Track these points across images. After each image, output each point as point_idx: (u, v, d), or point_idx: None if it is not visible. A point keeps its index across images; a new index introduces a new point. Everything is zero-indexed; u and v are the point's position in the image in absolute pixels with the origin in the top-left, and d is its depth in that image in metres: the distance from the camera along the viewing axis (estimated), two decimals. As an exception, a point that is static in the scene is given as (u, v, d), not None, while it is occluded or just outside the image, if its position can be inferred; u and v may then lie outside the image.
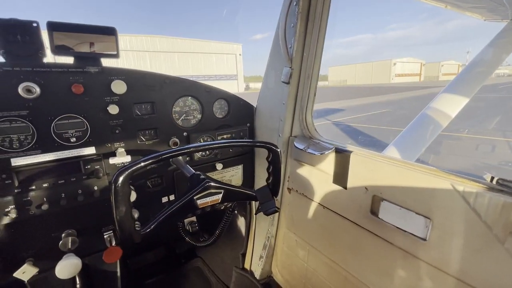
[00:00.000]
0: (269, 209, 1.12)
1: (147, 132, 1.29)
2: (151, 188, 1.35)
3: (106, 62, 1.15)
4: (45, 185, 1.05)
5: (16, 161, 1.00)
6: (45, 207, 1.05)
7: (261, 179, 1.69)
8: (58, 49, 1.04)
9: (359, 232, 1.14)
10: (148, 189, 1.33)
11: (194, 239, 1.54)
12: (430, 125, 2.46)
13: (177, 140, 1.35)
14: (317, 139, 1.33)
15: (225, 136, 1.51)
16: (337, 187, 1.20)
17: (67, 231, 1.14)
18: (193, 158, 1.43)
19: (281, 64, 1.34)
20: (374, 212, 1.08)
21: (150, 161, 0.85)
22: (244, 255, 1.88)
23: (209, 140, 1.45)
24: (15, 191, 1.00)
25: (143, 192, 1.30)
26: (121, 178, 0.79)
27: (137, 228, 0.88)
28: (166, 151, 0.91)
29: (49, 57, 1.06)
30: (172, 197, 1.42)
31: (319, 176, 1.29)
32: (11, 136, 0.98)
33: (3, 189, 0.98)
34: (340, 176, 1.18)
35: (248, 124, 1.60)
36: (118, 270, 1.32)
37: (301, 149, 1.30)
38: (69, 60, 1.09)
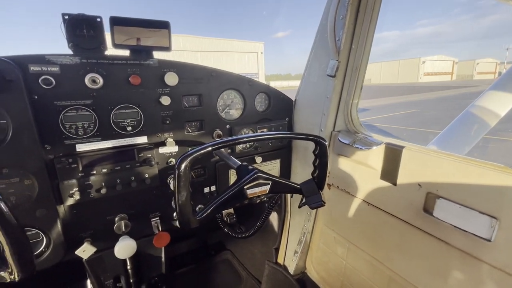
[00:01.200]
0: (315, 202, 1.11)
1: (193, 123, 1.33)
2: (195, 178, 1.39)
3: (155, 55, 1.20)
4: (104, 170, 1.12)
5: (80, 147, 1.08)
6: (103, 191, 1.12)
7: (297, 174, 1.69)
8: (118, 42, 1.11)
9: (409, 231, 1.10)
10: (191, 179, 1.37)
11: (232, 231, 1.57)
12: (475, 124, 2.31)
13: (220, 132, 1.38)
14: (363, 134, 1.30)
15: (265, 130, 1.52)
16: (385, 184, 1.17)
17: (120, 215, 1.21)
18: (235, 151, 1.46)
19: (326, 57, 1.32)
20: (427, 210, 1.03)
21: (210, 148, 0.87)
22: (277, 249, 1.88)
23: (250, 133, 1.47)
24: (79, 175, 1.07)
25: None
26: (184, 164, 0.82)
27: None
28: (229, 139, 0.93)
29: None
30: (213, 188, 1.46)
31: (364, 172, 1.26)
32: (77, 123, 1.06)
33: (69, 173, 1.05)
34: (390, 172, 1.14)
35: (287, 118, 1.60)
36: (163, 255, 1.38)
37: (347, 144, 1.28)
38: (122, 52, 1.15)
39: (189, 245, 2.54)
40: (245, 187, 1.00)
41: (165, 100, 1.17)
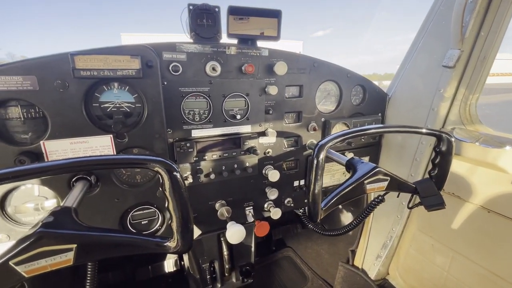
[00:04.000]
0: (435, 204, 1.02)
1: (291, 114, 1.31)
2: (286, 171, 1.37)
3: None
4: (213, 156, 1.15)
5: (195, 133, 1.12)
6: (212, 176, 1.15)
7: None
8: (231, 32, 1.13)
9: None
10: (283, 172, 1.35)
11: (318, 227, 1.53)
12: None
13: (315, 125, 1.34)
14: (485, 132, 1.16)
15: (358, 125, 1.44)
16: (519, 189, 1.02)
17: (220, 201, 1.24)
18: (328, 145, 1.41)
19: (442, 46, 1.20)
20: None
21: (347, 135, 0.83)
22: (353, 251, 1.80)
23: (345, 127, 1.41)
24: (194, 159, 1.12)
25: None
26: (322, 153, 0.79)
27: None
28: (360, 128, 0.89)
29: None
30: (302, 182, 1.43)
31: (487, 175, 1.12)
32: (194, 109, 1.10)
33: (186, 156, 1.10)
34: (529, 176, 0.99)
35: (379, 114, 1.51)
36: (253, 244, 1.39)
37: (466, 143, 1.15)
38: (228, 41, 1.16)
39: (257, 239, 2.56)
40: (365, 181, 0.95)
41: (273, 90, 1.16)
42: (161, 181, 0.65)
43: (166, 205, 0.67)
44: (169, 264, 2.08)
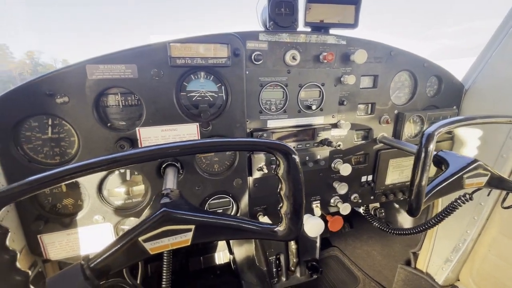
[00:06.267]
0: None
1: (363, 106, 1.25)
2: (354, 165, 1.32)
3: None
4: None
5: (271, 123, 1.11)
6: None
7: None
8: (308, 20, 1.10)
9: None
10: (351, 166, 1.30)
11: (384, 225, 1.46)
12: None
13: (388, 117, 1.27)
14: None
15: (433, 118, 1.34)
16: None
17: None
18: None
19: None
20: None
21: (460, 123, 0.77)
22: (415, 254, 1.69)
23: (418, 120, 1.32)
24: None
25: None
26: (432, 143, 0.73)
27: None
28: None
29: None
30: (370, 178, 1.37)
31: None
32: (271, 100, 1.09)
33: None
34: None
35: (454, 106, 1.40)
36: (318, 240, 1.36)
37: None
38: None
39: None
40: (464, 175, 0.87)
41: (351, 79, 1.12)
42: (276, 164, 0.64)
43: (279, 190, 0.66)
44: (219, 256, 2.11)
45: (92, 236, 0.97)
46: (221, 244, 2.12)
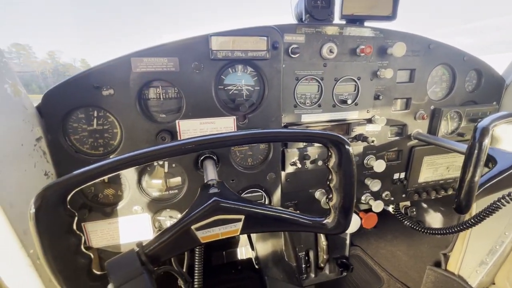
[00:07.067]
0: None
1: (399, 101, 1.22)
2: (386, 162, 1.28)
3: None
4: None
5: (305, 118, 1.10)
6: (320, 163, 1.12)
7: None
8: (345, 13, 1.07)
9: None
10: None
11: (416, 225, 1.42)
12: None
13: (424, 113, 1.23)
14: None
15: (471, 115, 1.29)
16: None
17: (320, 190, 1.20)
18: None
19: None
20: None
21: None
22: (446, 255, 1.63)
23: (456, 116, 1.27)
24: (303, 144, 1.10)
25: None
26: (486, 138, 0.70)
27: None
28: None
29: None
30: (402, 175, 1.33)
31: None
32: (306, 94, 1.07)
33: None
34: None
35: (494, 102, 1.33)
36: (348, 238, 1.34)
37: None
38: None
39: None
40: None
41: (388, 73, 1.09)
42: (328, 154, 0.63)
43: (328, 182, 0.65)
44: (241, 252, 2.12)
45: (131, 226, 1.00)
46: (243, 240, 2.14)
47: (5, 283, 0.69)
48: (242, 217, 0.61)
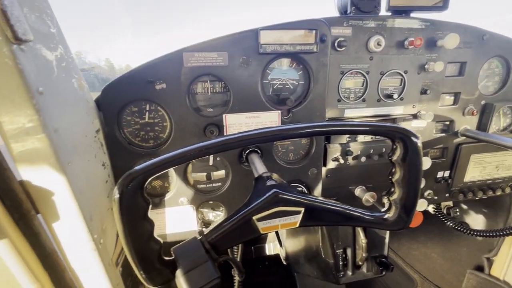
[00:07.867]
0: None
1: (447, 96, 1.16)
2: (431, 159, 1.23)
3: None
4: (365, 138, 1.09)
5: (348, 113, 1.07)
6: (363, 159, 1.10)
7: None
8: (393, 4, 1.04)
9: None
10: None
11: (459, 226, 1.35)
12: None
13: (474, 108, 1.17)
14: None
15: (525, 110, 1.20)
16: None
17: (360, 187, 1.17)
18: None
19: None
20: None
21: None
22: (489, 259, 1.55)
23: (509, 112, 1.20)
24: (346, 140, 1.08)
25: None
26: None
27: None
28: None
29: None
30: (446, 174, 1.27)
31: None
32: (350, 88, 1.05)
33: (337, 137, 1.07)
34: None
35: None
36: (387, 236, 1.31)
37: None
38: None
39: None
40: None
41: (438, 66, 1.04)
42: (392, 148, 0.61)
43: (390, 176, 0.64)
44: (269, 248, 2.14)
45: (177, 217, 1.03)
46: (271, 236, 2.14)
47: (71, 264, 0.74)
48: (302, 209, 0.61)
